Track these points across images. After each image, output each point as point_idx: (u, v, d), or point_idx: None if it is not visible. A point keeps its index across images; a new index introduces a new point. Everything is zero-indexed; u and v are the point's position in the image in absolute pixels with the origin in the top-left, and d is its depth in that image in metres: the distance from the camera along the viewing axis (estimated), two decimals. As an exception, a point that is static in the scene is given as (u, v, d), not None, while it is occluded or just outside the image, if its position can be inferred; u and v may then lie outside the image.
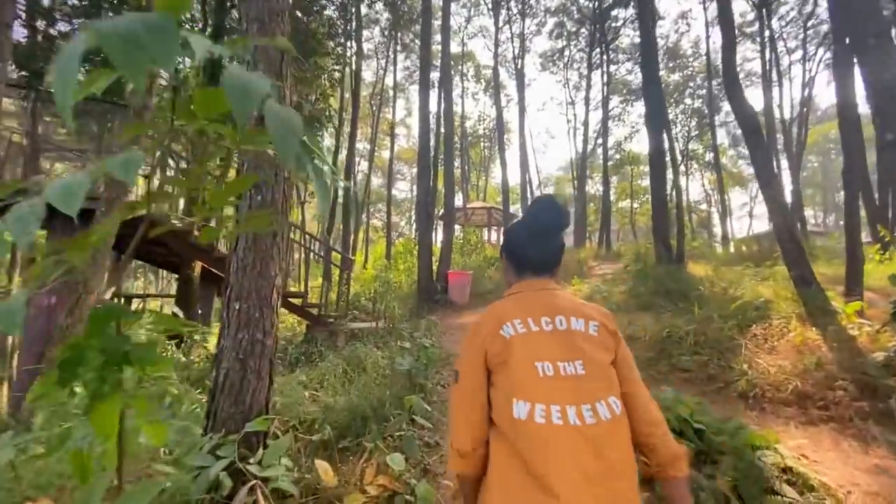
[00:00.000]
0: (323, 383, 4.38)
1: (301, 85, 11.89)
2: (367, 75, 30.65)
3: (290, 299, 7.46)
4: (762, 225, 40.03)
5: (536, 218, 1.28)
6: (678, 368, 4.51)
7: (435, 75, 14.34)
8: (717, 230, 31.81)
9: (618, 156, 29.02)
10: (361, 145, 31.65)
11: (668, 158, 13.19)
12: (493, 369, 1.08)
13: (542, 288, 1.21)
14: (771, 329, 4.91)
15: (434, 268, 10.27)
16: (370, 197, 29.93)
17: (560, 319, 1.10)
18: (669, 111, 22.97)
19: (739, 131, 27.45)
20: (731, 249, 22.84)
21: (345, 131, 17.60)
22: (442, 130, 11.19)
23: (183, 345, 7.97)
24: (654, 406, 1.10)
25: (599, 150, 27.89)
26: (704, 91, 23.29)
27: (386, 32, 23.61)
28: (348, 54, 14.63)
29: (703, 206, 34.40)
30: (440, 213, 28.62)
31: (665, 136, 12.00)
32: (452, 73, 29.33)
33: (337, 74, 12.38)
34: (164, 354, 5.43)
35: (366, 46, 25.98)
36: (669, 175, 15.54)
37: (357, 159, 33.21)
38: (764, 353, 4.48)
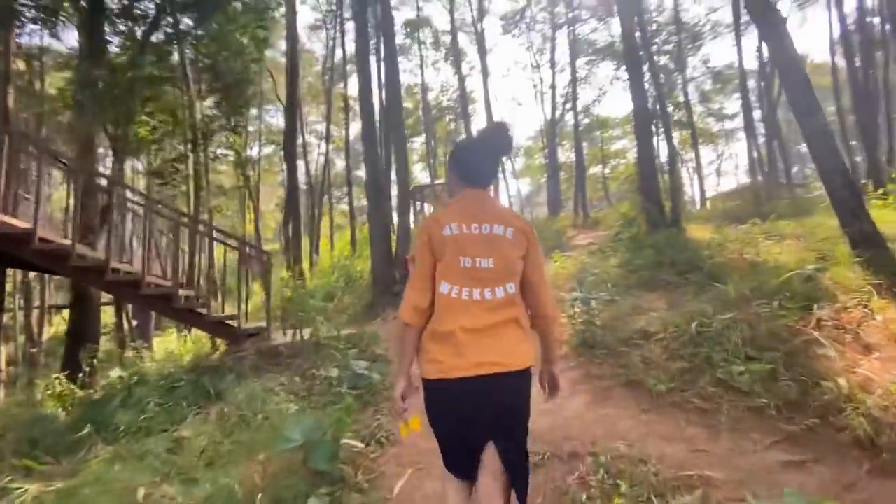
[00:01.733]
0: (175, 467, 2.64)
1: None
2: (318, 47, 28.12)
3: (192, 310, 5.63)
4: (729, 182, 39.32)
5: (490, 140, 1.63)
6: (731, 389, 2.91)
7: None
8: (688, 190, 30.78)
9: (587, 120, 27.45)
10: (320, 126, 29.30)
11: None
12: (437, 257, 1.47)
13: (479, 198, 1.55)
14: (845, 311, 3.36)
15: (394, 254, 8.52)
16: (333, 180, 27.71)
17: (486, 226, 1.48)
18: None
19: (708, 86, 25.98)
20: (708, 207, 21.79)
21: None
22: (383, 97, 9.23)
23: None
24: (544, 293, 1.57)
25: (568, 116, 26.30)
26: (672, 46, 21.74)
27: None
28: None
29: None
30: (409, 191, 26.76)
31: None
32: (409, 41, 27.07)
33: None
34: None
35: (313, 16, 23.49)
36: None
37: (315, 140, 30.82)
38: (856, 352, 2.93)
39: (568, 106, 25.01)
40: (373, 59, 9.29)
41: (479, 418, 1.41)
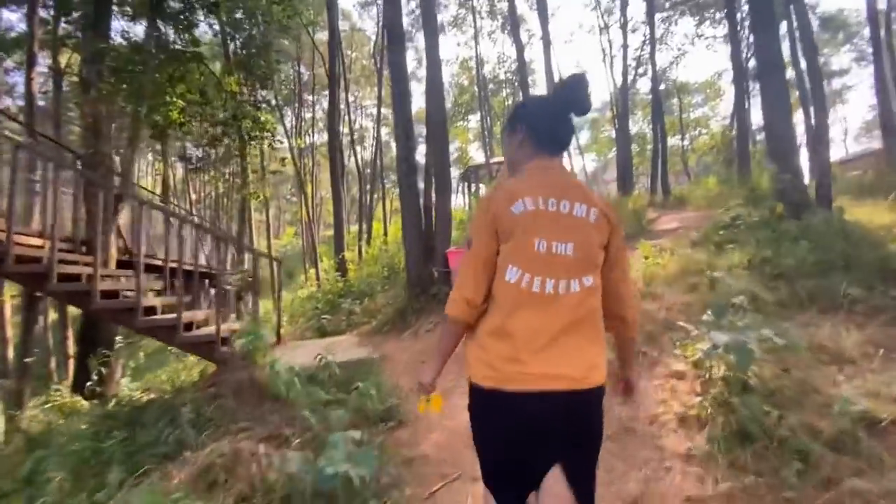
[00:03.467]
0: None
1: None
2: (369, 26, 26.68)
3: (168, 326, 4.25)
4: (837, 150, 33.33)
5: (564, 94, 1.28)
6: None
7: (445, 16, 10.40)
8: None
9: (662, 86, 23.87)
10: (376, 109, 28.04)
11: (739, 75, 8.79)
12: (502, 239, 1.17)
13: (554, 169, 1.24)
14: None
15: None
16: (389, 163, 26.44)
17: (564, 203, 1.17)
18: (725, 27, 17.80)
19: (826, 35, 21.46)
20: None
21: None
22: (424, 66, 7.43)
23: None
24: (626, 290, 1.27)
25: (640, 82, 23.00)
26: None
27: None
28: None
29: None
30: (463, 172, 24.85)
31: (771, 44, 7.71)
32: (463, 11, 24.86)
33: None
34: None
35: (360, -8, 22.21)
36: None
37: (370, 124, 29.65)
38: None
39: (641, 70, 21.85)
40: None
41: (543, 442, 1.12)
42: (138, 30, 9.75)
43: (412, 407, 3.22)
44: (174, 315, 4.19)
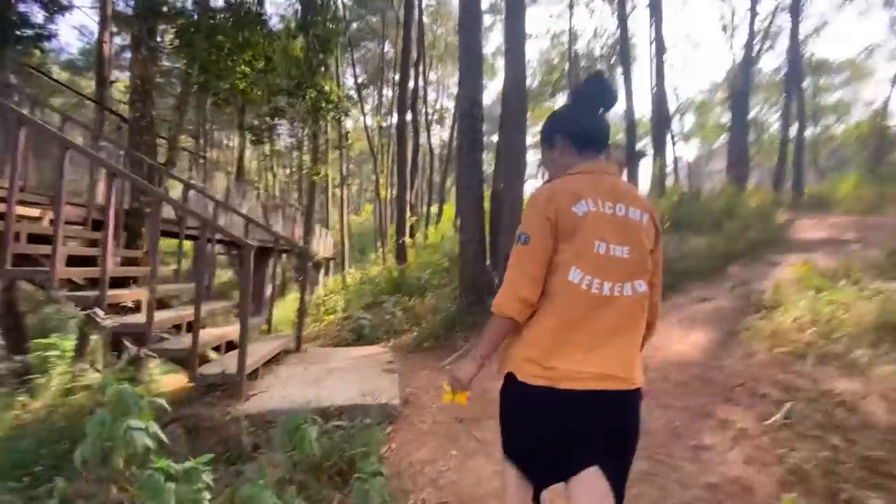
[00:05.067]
0: None
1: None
2: (453, -2, 25.03)
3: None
4: None
5: (593, 94, 1.27)
6: None
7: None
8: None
9: (785, 69, 19.64)
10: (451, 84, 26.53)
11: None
12: (561, 238, 1.14)
13: (606, 171, 1.23)
14: None
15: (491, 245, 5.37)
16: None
17: (620, 206, 1.17)
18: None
19: None
20: None
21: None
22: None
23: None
24: (658, 296, 1.29)
25: (766, 57, 19.12)
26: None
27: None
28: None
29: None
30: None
31: None
32: (557, -23, 22.25)
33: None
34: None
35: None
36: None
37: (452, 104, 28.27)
38: None
39: (768, 44, 18.12)
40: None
41: (587, 440, 1.12)
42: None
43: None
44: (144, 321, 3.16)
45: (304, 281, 5.03)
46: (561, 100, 26.63)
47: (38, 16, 7.35)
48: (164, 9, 6.89)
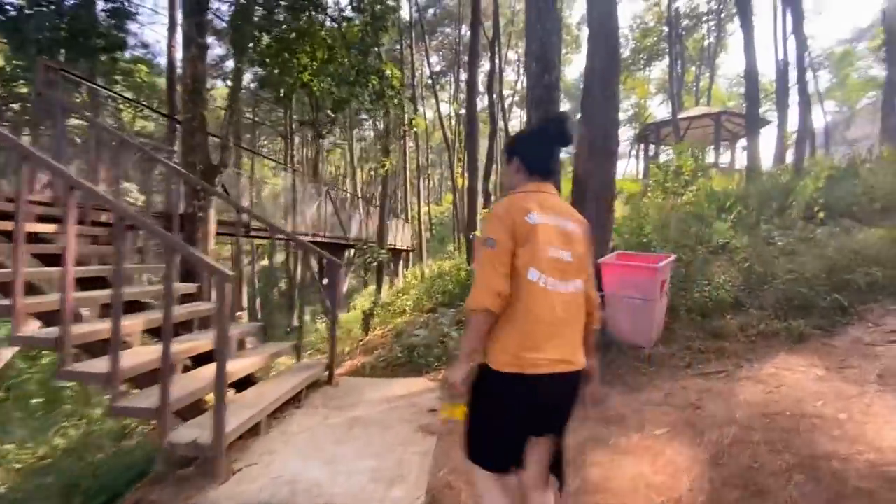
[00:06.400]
0: None
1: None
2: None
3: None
4: None
5: (552, 132, 1.53)
6: None
7: None
8: None
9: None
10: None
11: None
12: (519, 243, 1.34)
13: (548, 192, 1.47)
14: None
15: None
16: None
17: (561, 220, 1.43)
18: None
19: None
20: None
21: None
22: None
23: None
24: (592, 289, 1.53)
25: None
26: None
27: None
28: None
29: None
30: (639, 132, 19.91)
31: None
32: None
33: None
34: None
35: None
36: None
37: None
38: None
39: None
40: None
41: (546, 415, 1.41)
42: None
43: None
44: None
45: (335, 297, 4.19)
46: (659, 68, 23.40)
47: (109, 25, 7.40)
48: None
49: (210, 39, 11.17)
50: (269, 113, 20.60)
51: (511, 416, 1.36)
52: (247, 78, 14.18)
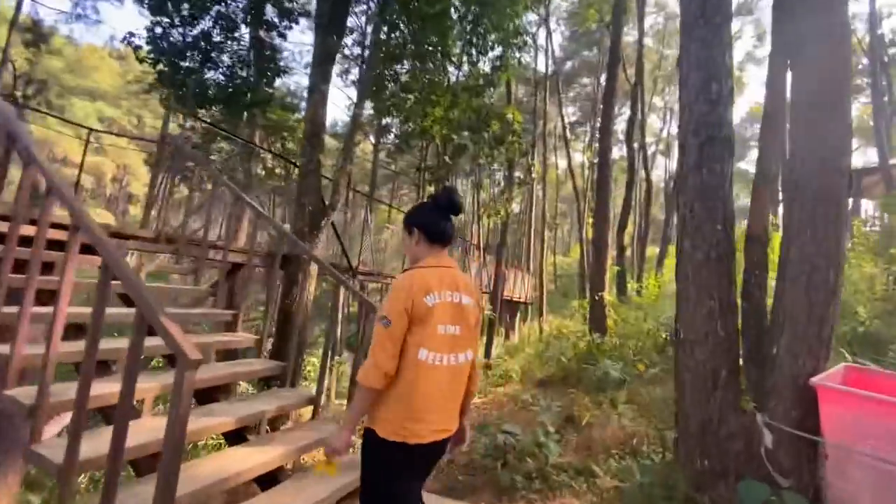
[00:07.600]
0: None
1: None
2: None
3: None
4: None
5: (445, 202, 1.60)
6: None
7: None
8: None
9: None
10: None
11: None
12: (413, 322, 1.42)
13: (449, 265, 1.57)
14: None
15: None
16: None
17: (456, 295, 1.51)
18: None
19: None
20: None
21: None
22: None
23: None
24: (476, 352, 1.63)
25: None
26: None
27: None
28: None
29: None
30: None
31: None
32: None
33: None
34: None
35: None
36: None
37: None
38: None
39: None
40: None
41: (422, 472, 1.58)
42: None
43: None
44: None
45: (333, 343, 3.30)
46: (854, 107, 19.04)
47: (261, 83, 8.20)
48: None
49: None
50: (411, 165, 21.87)
51: (394, 477, 1.46)
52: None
